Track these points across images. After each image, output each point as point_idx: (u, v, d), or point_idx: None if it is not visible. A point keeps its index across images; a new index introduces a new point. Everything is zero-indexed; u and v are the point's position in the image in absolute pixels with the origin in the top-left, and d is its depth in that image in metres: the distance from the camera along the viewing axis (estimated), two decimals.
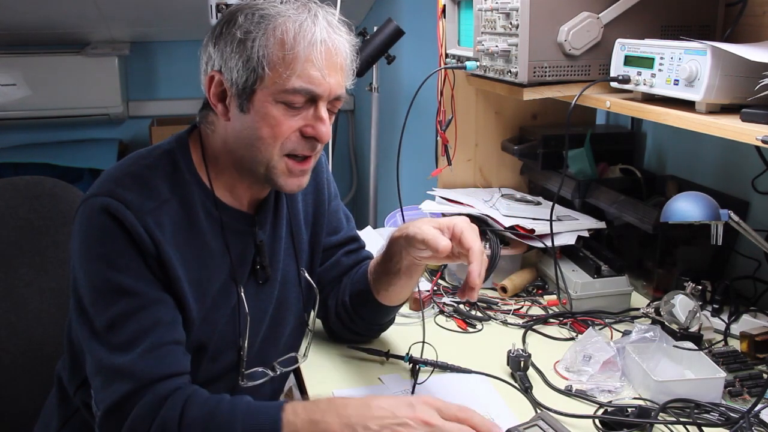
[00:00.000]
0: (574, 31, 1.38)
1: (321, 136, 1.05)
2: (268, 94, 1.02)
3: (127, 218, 0.99)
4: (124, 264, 1.00)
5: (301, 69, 1.01)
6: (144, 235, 1.00)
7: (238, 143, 1.07)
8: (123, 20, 3.04)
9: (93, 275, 1.01)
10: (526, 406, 1.17)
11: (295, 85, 1.01)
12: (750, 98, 1.08)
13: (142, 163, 1.07)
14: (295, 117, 1.04)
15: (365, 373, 1.27)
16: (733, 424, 1.08)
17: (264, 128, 1.03)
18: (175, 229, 1.04)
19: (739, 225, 1.24)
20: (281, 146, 1.05)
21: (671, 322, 1.33)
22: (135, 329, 0.99)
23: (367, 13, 3.25)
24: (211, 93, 1.07)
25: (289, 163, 1.07)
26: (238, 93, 1.03)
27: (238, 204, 1.14)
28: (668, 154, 1.88)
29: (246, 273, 1.15)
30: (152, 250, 1.01)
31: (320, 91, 1.03)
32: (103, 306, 1.00)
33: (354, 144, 3.77)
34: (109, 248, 1.00)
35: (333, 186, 1.35)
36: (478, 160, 2.00)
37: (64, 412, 1.21)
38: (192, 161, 1.11)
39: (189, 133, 1.14)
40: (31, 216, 1.47)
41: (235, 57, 1.02)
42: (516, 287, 1.61)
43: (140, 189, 1.03)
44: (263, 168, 1.07)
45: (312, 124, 1.05)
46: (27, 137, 3.26)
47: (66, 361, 1.20)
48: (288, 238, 1.23)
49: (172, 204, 1.05)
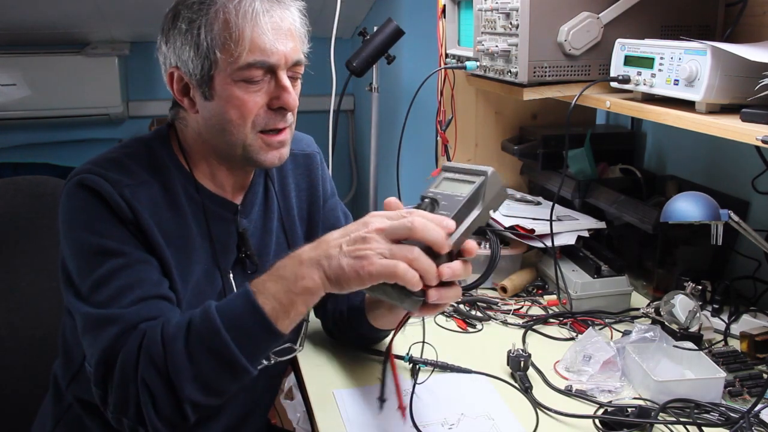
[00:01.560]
0: (574, 31, 1.38)
1: (288, 104, 1.06)
2: (226, 77, 1.03)
3: (104, 188, 1.01)
4: (106, 229, 1.01)
5: (250, 43, 1.01)
6: (122, 203, 1.01)
7: (210, 132, 1.08)
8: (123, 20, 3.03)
9: (77, 243, 1.02)
10: (526, 406, 1.17)
11: (248, 60, 1.02)
12: (750, 98, 1.08)
13: (122, 151, 1.09)
14: (259, 92, 1.05)
15: (365, 373, 1.27)
16: (733, 424, 1.08)
17: (230, 110, 1.04)
18: (154, 207, 1.05)
19: (739, 225, 1.24)
20: (252, 124, 1.06)
21: (671, 322, 1.34)
22: (120, 285, 0.99)
23: (367, 13, 3.25)
24: (174, 90, 1.08)
25: (264, 138, 1.08)
26: (199, 83, 1.05)
27: (221, 191, 1.15)
28: (668, 154, 1.88)
29: (231, 261, 1.16)
30: (130, 217, 1.02)
31: (274, 60, 1.03)
32: (88, 269, 1.01)
33: (354, 144, 3.77)
34: (90, 216, 1.01)
35: (330, 184, 1.36)
36: (478, 160, 2.00)
37: (58, 411, 1.22)
38: (173, 150, 1.13)
39: (168, 129, 1.16)
40: (33, 216, 1.47)
41: (186, 48, 1.04)
42: (516, 287, 1.61)
43: (118, 170, 1.04)
44: (240, 149, 1.08)
45: (276, 95, 1.05)
46: (27, 137, 3.26)
47: (60, 357, 1.20)
48: (281, 233, 1.23)
49: (152, 185, 1.06)
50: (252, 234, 1.18)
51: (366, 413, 1.15)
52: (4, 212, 1.46)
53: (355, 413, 1.15)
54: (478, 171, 0.95)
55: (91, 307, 0.99)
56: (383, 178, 2.81)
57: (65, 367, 1.19)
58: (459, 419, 1.13)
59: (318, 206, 1.31)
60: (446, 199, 0.95)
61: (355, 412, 1.15)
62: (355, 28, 3.17)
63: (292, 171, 1.29)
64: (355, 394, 1.20)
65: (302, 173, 1.30)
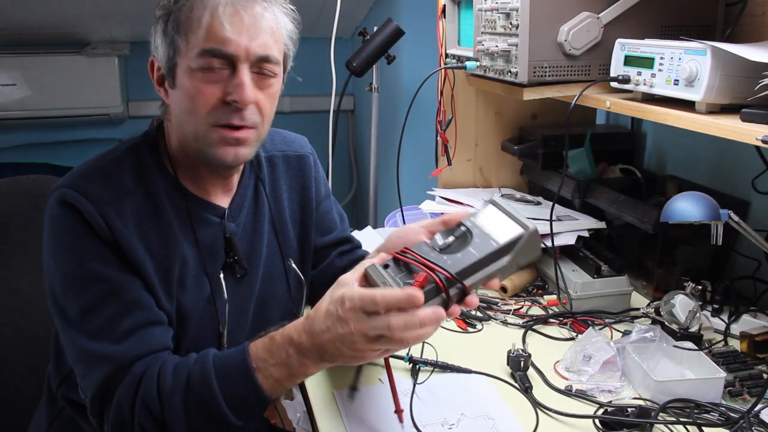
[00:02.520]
0: (574, 31, 1.38)
1: (242, 99, 1.02)
2: (185, 65, 1.02)
3: (85, 207, 1.00)
4: (90, 251, 1.00)
5: (208, 30, 1.00)
6: (101, 222, 1.00)
7: (177, 123, 1.08)
8: (123, 20, 3.04)
9: (62, 265, 1.02)
10: (526, 406, 1.17)
11: (204, 47, 1.00)
12: (750, 98, 1.08)
13: (108, 157, 1.08)
14: (217, 84, 1.02)
15: (365, 373, 1.27)
16: (733, 424, 1.08)
17: (187, 100, 1.03)
18: (138, 219, 1.04)
19: (739, 225, 1.24)
20: (207, 116, 1.03)
21: (671, 322, 1.34)
22: (109, 314, 0.99)
23: (367, 13, 3.25)
24: (154, 79, 1.08)
25: (220, 132, 1.04)
26: (166, 70, 1.05)
27: (205, 194, 1.14)
28: (668, 154, 1.88)
29: (219, 265, 1.15)
30: (109, 236, 1.01)
31: (231, 50, 1.01)
32: (75, 294, 1.00)
33: (354, 144, 3.77)
34: (73, 237, 1.01)
35: (324, 185, 1.34)
36: (478, 160, 2.00)
37: (52, 412, 1.22)
38: (159, 153, 1.11)
39: (158, 129, 1.15)
40: (36, 215, 1.47)
41: (158, 35, 1.04)
42: (516, 287, 1.61)
43: (103, 181, 1.04)
44: (196, 142, 1.05)
45: (231, 89, 1.02)
46: (27, 137, 3.26)
47: (51, 360, 1.20)
48: (272, 236, 1.23)
49: (137, 195, 1.06)
50: (241, 237, 1.17)
51: (366, 413, 1.15)
52: (5, 211, 1.46)
53: (355, 413, 1.15)
54: (522, 224, 0.96)
55: (83, 336, 1.00)
56: (383, 178, 2.81)
57: (56, 370, 1.19)
58: (459, 419, 1.13)
59: (311, 209, 1.29)
60: (481, 237, 0.96)
61: (355, 412, 1.15)
62: (355, 28, 3.17)
63: (285, 173, 1.27)
64: (355, 394, 1.20)
65: (294, 175, 1.28)
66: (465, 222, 1.00)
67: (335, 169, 2.36)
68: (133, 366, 0.98)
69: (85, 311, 0.99)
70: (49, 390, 1.23)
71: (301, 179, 1.29)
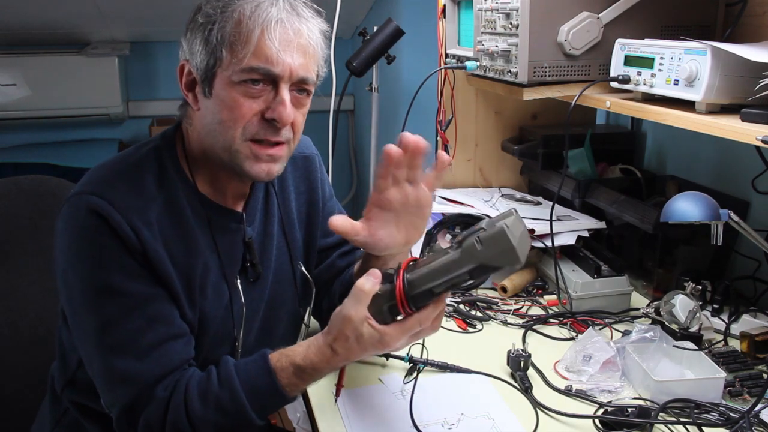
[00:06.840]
0: (574, 31, 1.38)
1: (281, 117, 1.02)
2: (227, 77, 1.02)
3: (113, 217, 0.98)
4: (113, 263, 0.99)
5: (257, 48, 1.00)
6: (130, 233, 0.99)
7: (205, 131, 1.07)
8: (123, 20, 3.04)
9: (83, 276, 1.00)
10: (526, 406, 1.17)
11: (251, 64, 1.00)
12: (750, 98, 1.08)
13: (129, 161, 1.07)
14: (257, 100, 1.02)
15: (365, 373, 1.27)
16: (733, 424, 1.09)
17: (224, 111, 1.03)
18: (162, 227, 1.04)
19: (739, 225, 1.24)
20: (243, 130, 1.03)
21: (671, 322, 1.34)
22: (132, 329, 0.99)
23: (367, 13, 3.25)
24: (182, 83, 1.07)
25: (253, 148, 1.04)
26: (202, 78, 1.04)
27: (222, 200, 1.13)
28: (668, 154, 1.88)
29: (236, 270, 1.15)
30: (138, 248, 1.00)
31: (277, 71, 1.01)
32: (95, 307, 1.00)
33: (354, 144, 3.77)
34: (97, 248, 0.99)
35: (328, 187, 1.35)
36: (478, 160, 2.00)
37: (56, 413, 1.22)
38: (177, 158, 1.10)
39: (175, 131, 1.14)
40: (35, 215, 1.47)
41: (198, 42, 1.03)
42: (516, 287, 1.61)
43: (127, 187, 1.02)
44: (227, 154, 1.05)
45: (272, 106, 1.03)
46: (27, 137, 3.26)
47: (56, 360, 1.20)
48: (281, 237, 1.23)
49: (159, 202, 1.05)
50: (254, 240, 1.17)
51: (366, 413, 1.15)
52: (5, 212, 1.46)
53: (355, 413, 1.15)
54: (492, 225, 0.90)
55: (104, 350, 0.99)
56: None
57: (60, 372, 1.18)
58: (459, 419, 1.13)
59: (317, 209, 1.29)
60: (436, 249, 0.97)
61: (355, 412, 1.15)
62: (355, 28, 3.17)
63: (291, 174, 1.27)
64: (355, 394, 1.20)
65: (301, 176, 1.29)
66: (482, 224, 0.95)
67: (335, 169, 2.36)
68: (156, 388, 0.99)
69: (106, 325, 0.99)
70: (53, 390, 1.23)
71: (308, 180, 1.29)
